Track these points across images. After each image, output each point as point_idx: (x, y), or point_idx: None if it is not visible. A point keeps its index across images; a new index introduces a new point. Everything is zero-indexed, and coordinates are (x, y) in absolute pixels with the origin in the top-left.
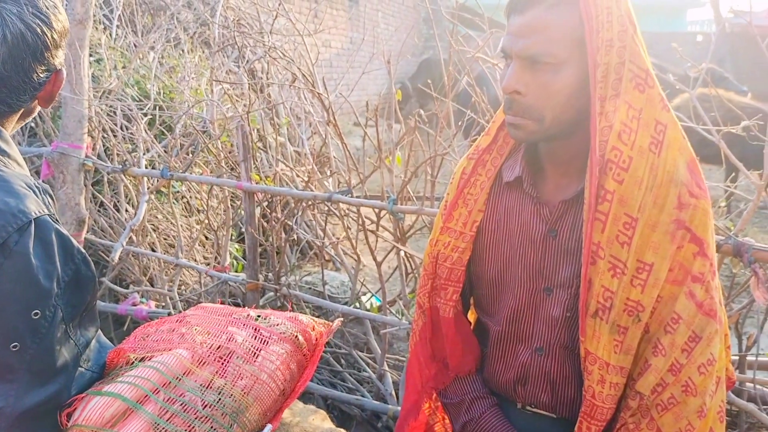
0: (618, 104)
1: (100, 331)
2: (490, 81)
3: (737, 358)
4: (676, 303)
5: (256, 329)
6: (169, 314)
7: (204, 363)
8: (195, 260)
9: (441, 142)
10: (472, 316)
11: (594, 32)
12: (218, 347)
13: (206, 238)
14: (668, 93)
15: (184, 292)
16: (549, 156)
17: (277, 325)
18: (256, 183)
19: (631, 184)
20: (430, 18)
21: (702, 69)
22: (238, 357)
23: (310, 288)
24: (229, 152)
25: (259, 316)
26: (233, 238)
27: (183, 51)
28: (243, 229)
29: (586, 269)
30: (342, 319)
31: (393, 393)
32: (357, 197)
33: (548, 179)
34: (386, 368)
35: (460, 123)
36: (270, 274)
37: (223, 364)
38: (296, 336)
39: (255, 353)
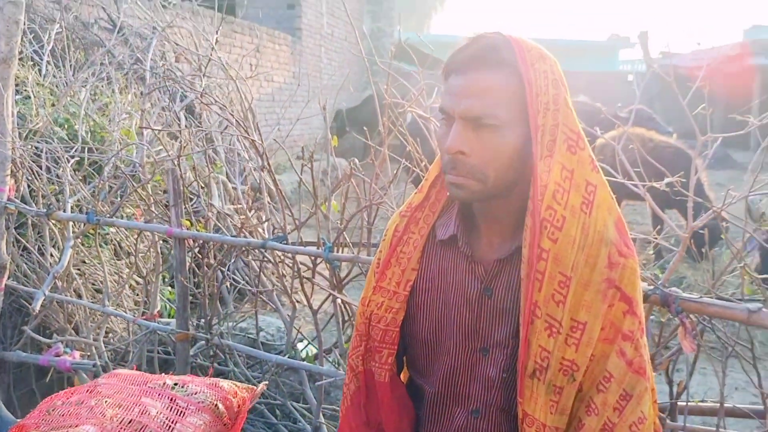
0: (552, 164)
1: (1, 404)
2: (423, 129)
3: (668, 404)
4: (608, 361)
5: (172, 399)
6: (95, 365)
7: None
8: (124, 307)
9: (377, 190)
10: (403, 375)
11: (534, 96)
12: (129, 421)
13: (137, 282)
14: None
15: (111, 340)
16: (484, 214)
17: (196, 393)
18: (187, 228)
19: (565, 243)
20: (373, 55)
21: (631, 109)
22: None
23: (244, 335)
24: (164, 192)
25: (176, 384)
26: (166, 281)
27: (114, 90)
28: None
29: (526, 329)
30: (266, 383)
31: None
32: (292, 243)
33: (482, 237)
34: (322, 420)
35: (395, 171)
36: (202, 322)
37: None
38: (216, 405)
39: (170, 427)
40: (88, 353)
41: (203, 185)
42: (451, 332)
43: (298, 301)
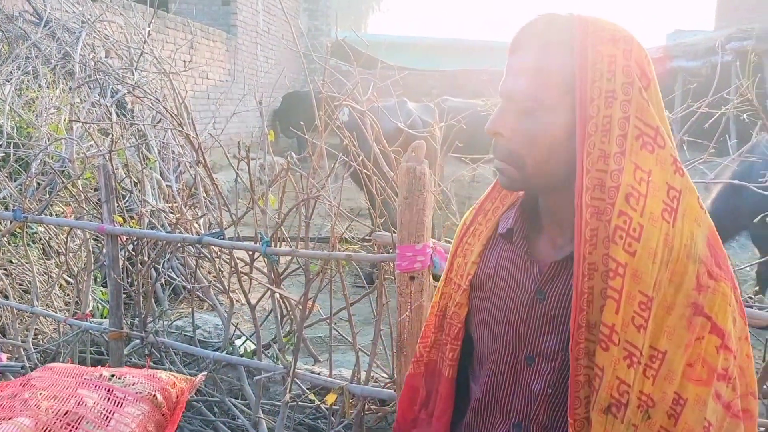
0: (624, 163)
1: None
2: (360, 125)
3: None
4: (706, 408)
5: (109, 390)
6: (23, 368)
7: (49, 431)
8: (54, 307)
9: (314, 184)
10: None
11: (588, 81)
12: (66, 413)
13: (67, 282)
14: None
15: (41, 342)
16: (546, 210)
17: (133, 384)
18: (120, 225)
19: (645, 256)
20: (310, 52)
21: None
22: (88, 422)
23: (180, 333)
24: (95, 189)
25: (113, 376)
26: (98, 281)
27: (41, 85)
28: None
29: (576, 348)
30: (205, 374)
31: None
32: (229, 239)
33: (544, 235)
34: (261, 415)
35: (333, 165)
36: (136, 320)
37: (71, 431)
38: (154, 395)
39: (107, 417)
40: (16, 355)
41: (136, 181)
42: (499, 334)
43: (237, 300)
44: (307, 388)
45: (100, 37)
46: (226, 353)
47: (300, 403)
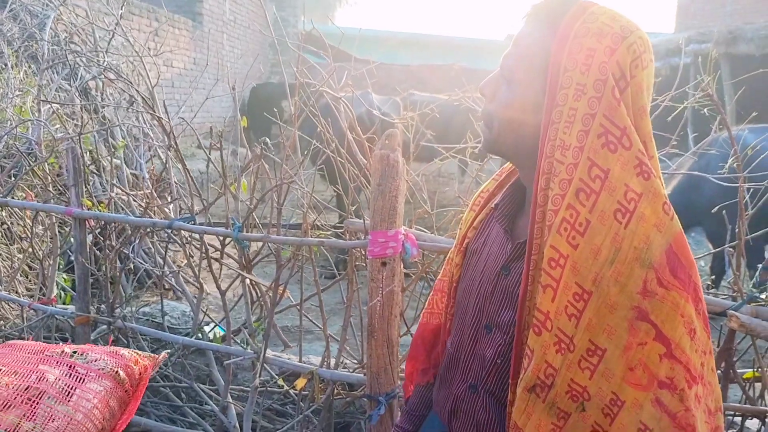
0: (580, 158)
1: None
2: (335, 112)
3: None
4: (642, 412)
5: (71, 367)
6: None
7: (9, 406)
8: (18, 292)
9: (288, 170)
10: None
11: (561, 68)
12: (26, 388)
13: (30, 267)
14: None
15: (3, 327)
16: (527, 190)
17: (95, 360)
18: (88, 209)
19: (587, 251)
20: (276, 44)
21: None
22: (49, 397)
23: (148, 319)
24: (57, 175)
25: (75, 352)
26: (60, 267)
27: (5, 65)
28: (71, 258)
29: (521, 331)
30: (169, 351)
31: (237, 425)
32: (200, 224)
33: (524, 215)
34: (230, 400)
35: (306, 151)
36: (102, 306)
37: (32, 405)
38: (117, 372)
39: (69, 392)
40: None
41: (99, 167)
42: (471, 300)
43: (208, 293)
44: (276, 374)
45: (65, 21)
46: (195, 339)
47: (269, 388)
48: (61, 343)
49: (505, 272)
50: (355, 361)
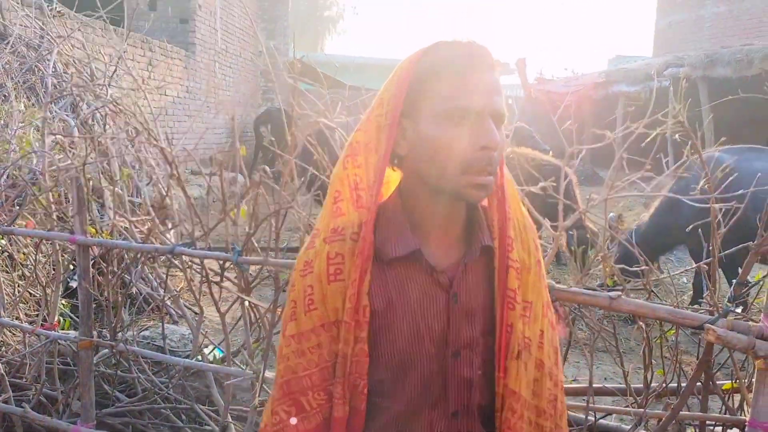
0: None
1: None
2: (329, 139)
3: None
4: (548, 331)
5: None
6: None
7: None
8: (20, 319)
9: (285, 196)
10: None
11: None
12: None
13: (30, 294)
14: None
15: (5, 354)
16: (446, 220)
17: None
18: (92, 236)
19: (516, 231)
20: (269, 71)
21: (511, 128)
22: None
23: (149, 342)
24: (57, 203)
25: None
26: (61, 293)
27: (5, 97)
28: (69, 284)
29: (506, 315)
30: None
31: None
32: (200, 249)
33: (433, 246)
34: (230, 420)
35: (303, 179)
36: (104, 331)
37: None
38: None
39: None
40: None
41: (106, 194)
42: (422, 347)
43: (205, 317)
44: None
45: (63, 53)
46: (195, 361)
47: None
48: (64, 383)
49: (455, 299)
50: None
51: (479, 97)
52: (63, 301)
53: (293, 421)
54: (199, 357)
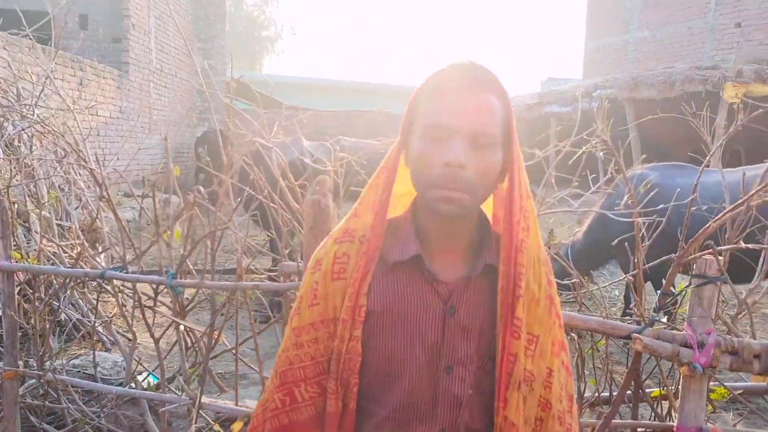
0: (525, 201)
1: None
2: (266, 159)
3: None
4: (560, 373)
5: None
6: None
7: None
8: None
9: (221, 217)
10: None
11: (514, 121)
12: None
13: None
14: None
15: None
16: (446, 233)
17: None
18: (17, 261)
19: (529, 263)
20: (204, 91)
21: None
22: None
23: (79, 371)
24: None
25: None
26: None
27: None
28: None
29: (508, 342)
30: None
31: None
32: (133, 273)
33: (437, 256)
34: None
35: (239, 198)
36: (31, 360)
37: None
38: None
39: None
40: None
41: (31, 218)
42: (413, 355)
43: (139, 342)
44: (212, 420)
45: None
46: (129, 388)
47: None
48: None
49: (451, 312)
50: None
51: (452, 116)
52: None
53: None
54: (133, 384)
